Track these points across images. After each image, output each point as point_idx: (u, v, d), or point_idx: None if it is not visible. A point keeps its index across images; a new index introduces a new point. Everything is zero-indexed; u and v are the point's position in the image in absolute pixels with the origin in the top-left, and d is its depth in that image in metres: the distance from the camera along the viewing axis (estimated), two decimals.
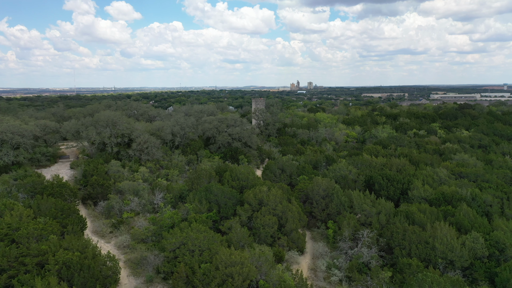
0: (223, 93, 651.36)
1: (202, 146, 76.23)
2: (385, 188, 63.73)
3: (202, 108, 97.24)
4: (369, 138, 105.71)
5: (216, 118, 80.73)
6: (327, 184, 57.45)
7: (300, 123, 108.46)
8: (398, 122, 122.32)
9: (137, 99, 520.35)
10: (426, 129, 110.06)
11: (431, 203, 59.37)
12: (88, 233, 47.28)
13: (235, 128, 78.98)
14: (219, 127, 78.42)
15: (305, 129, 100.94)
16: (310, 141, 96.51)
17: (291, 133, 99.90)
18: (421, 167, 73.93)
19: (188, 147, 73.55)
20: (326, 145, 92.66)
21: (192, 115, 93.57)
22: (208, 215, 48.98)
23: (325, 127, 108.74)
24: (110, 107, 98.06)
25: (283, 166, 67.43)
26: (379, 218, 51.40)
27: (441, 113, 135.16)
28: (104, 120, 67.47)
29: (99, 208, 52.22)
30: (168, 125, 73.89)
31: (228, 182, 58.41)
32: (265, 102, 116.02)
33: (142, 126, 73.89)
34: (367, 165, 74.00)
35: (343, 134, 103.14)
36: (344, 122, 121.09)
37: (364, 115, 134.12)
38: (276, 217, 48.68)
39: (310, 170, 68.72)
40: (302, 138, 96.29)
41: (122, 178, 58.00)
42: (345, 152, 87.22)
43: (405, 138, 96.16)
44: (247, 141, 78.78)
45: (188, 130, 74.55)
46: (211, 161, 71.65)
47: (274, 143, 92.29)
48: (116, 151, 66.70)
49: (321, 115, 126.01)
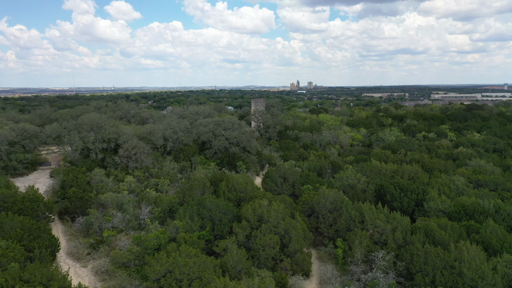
0: (222, 93, 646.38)
1: (196, 152, 70.08)
2: (398, 199, 57.68)
3: (198, 109, 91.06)
4: (375, 141, 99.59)
5: (213, 120, 74.59)
6: (334, 196, 51.31)
7: (302, 126, 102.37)
8: (405, 124, 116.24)
9: (136, 99, 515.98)
10: (436, 132, 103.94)
11: (450, 217, 53.36)
12: (62, 256, 41.16)
13: (233, 131, 72.86)
14: (216, 130, 72.29)
15: (307, 132, 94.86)
16: (313, 145, 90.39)
17: (293, 136, 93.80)
18: (436, 175, 67.84)
19: (181, 153, 67.41)
20: (331, 149, 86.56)
21: (187, 117, 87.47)
22: (201, 234, 42.83)
23: (328, 129, 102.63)
24: (99, 108, 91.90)
25: (285, 174, 61.29)
26: (395, 236, 45.27)
27: (450, 114, 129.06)
28: (88, 124, 61.36)
29: (77, 224, 46.09)
30: (160, 129, 67.77)
31: (224, 194, 52.29)
32: (265, 103, 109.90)
33: (131, 130, 67.76)
34: (377, 173, 67.89)
35: (348, 137, 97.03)
36: (348, 124, 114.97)
37: (369, 116, 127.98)
38: (278, 236, 42.58)
39: (315, 179, 62.59)
40: (304, 141, 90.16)
41: (105, 189, 51.87)
42: (351, 157, 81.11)
43: (415, 142, 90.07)
44: (245, 146, 72.67)
45: (182, 134, 68.41)
46: (206, 168, 65.52)
47: (275, 147, 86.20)
48: (101, 158, 60.58)
49: (324, 116, 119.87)
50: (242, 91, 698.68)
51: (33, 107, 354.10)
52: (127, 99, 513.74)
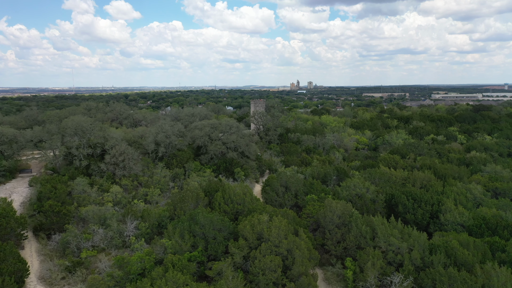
0: (222, 92, 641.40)
1: (191, 157, 64.83)
2: (411, 210, 52.53)
3: (194, 111, 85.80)
4: (382, 144, 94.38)
5: (209, 123, 69.32)
6: (342, 209, 46.09)
7: (304, 128, 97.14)
8: (411, 126, 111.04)
9: (135, 98, 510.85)
10: (445, 134, 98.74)
11: (470, 232, 48.33)
12: (33, 281, 35.94)
13: (231, 135, 67.64)
14: (212, 134, 67.05)
15: (310, 135, 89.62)
16: (316, 149, 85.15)
17: (295, 140, 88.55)
18: (450, 182, 62.65)
19: (174, 159, 62.17)
20: (335, 153, 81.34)
21: (182, 119, 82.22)
22: (192, 255, 37.62)
23: (332, 132, 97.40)
24: (90, 110, 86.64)
25: (286, 183, 56.07)
26: (412, 256, 40.06)
27: (458, 115, 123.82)
28: (72, 127, 56.11)
29: (53, 242, 40.85)
30: (151, 133, 62.52)
31: (219, 206, 47.09)
32: (265, 103, 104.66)
33: (120, 134, 62.51)
34: (386, 180, 62.69)
35: (353, 141, 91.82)
36: (352, 126, 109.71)
37: (374, 118, 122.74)
38: (279, 257, 37.40)
39: (320, 187, 57.37)
40: (307, 145, 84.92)
41: (87, 201, 46.64)
42: (357, 162, 75.88)
43: (424, 146, 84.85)
44: (244, 151, 67.47)
45: (175, 138, 63.14)
46: (201, 175, 60.29)
47: (276, 152, 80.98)
48: (86, 165, 55.32)
49: (327, 118, 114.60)
50: (242, 91, 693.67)
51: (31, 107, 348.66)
52: (126, 99, 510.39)
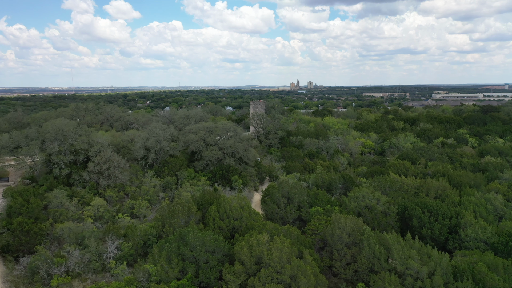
0: (222, 92, 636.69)
1: (184, 164, 59.53)
2: (427, 225, 47.33)
3: (189, 113, 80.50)
4: (388, 148, 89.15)
5: (204, 127, 64.03)
6: (352, 226, 40.83)
7: (306, 131, 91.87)
8: (419, 128, 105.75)
9: (134, 98, 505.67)
10: (455, 137, 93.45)
11: (495, 250, 43.18)
12: None
13: (228, 140, 62.36)
14: (207, 138, 61.79)
15: (313, 138, 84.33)
16: (319, 153, 79.90)
17: (297, 143, 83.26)
18: (467, 192, 57.39)
19: (165, 166, 56.89)
20: (340, 158, 76.05)
21: (177, 122, 76.95)
22: (180, 283, 32.38)
23: (336, 134, 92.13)
24: (79, 111, 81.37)
25: (289, 193, 50.80)
26: (434, 282, 34.79)
27: (466, 117, 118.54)
28: (52, 132, 50.82)
29: (21, 266, 35.55)
30: (140, 138, 57.23)
31: (213, 222, 41.85)
32: (265, 105, 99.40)
33: (107, 138, 57.23)
34: (397, 189, 57.46)
35: (358, 144, 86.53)
36: (356, 128, 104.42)
37: (379, 119, 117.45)
38: (282, 286, 32.21)
39: (325, 198, 52.12)
40: (310, 149, 79.63)
41: (65, 217, 41.37)
42: (364, 168, 70.61)
43: (435, 150, 79.57)
44: (242, 157, 62.22)
45: (166, 143, 57.82)
46: (195, 184, 55.05)
47: (276, 156, 75.69)
48: (67, 174, 50.05)
49: (330, 120, 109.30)
50: (242, 91, 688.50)
51: (28, 107, 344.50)
52: (125, 99, 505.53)
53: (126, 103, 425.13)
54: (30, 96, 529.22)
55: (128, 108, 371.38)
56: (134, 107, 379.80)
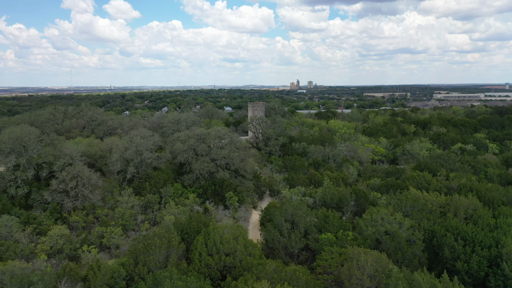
0: (221, 92, 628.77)
1: (170, 178, 50.92)
2: (462, 256, 38.93)
3: (180, 117, 71.79)
4: (401, 155, 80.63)
5: (195, 134, 55.40)
6: (375, 264, 32.30)
7: (311, 136, 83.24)
8: (432, 132, 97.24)
9: (132, 98, 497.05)
10: (473, 143, 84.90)
11: None
12: None
13: (222, 149, 53.77)
14: (198, 147, 53.18)
15: (318, 145, 75.68)
16: (326, 162, 71.31)
17: (300, 151, 74.66)
18: (502, 211, 48.75)
19: (147, 181, 48.30)
20: (349, 167, 67.49)
21: (165, 127, 68.33)
22: None
23: (343, 140, 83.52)
24: (56, 115, 72.72)
25: (293, 216, 42.22)
26: None
27: (482, 119, 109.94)
28: (8, 142, 42.24)
29: None
30: (118, 148, 48.64)
31: (200, 258, 33.30)
32: (264, 107, 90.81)
33: (79, 148, 48.57)
34: (420, 209, 48.82)
35: (368, 151, 77.97)
36: (364, 133, 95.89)
37: (388, 122, 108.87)
38: None
39: (337, 222, 43.52)
40: (315, 158, 71.00)
41: (12, 252, 32.79)
42: (377, 180, 62.08)
43: (454, 158, 71.02)
44: (238, 168, 53.66)
45: (149, 154, 49.21)
46: (181, 203, 46.51)
47: (278, 166, 67.10)
48: (25, 193, 41.46)
49: (335, 123, 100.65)
50: (242, 91, 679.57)
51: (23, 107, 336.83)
52: (123, 98, 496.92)
53: (123, 103, 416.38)
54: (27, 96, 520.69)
55: (126, 108, 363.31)
56: (132, 107, 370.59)
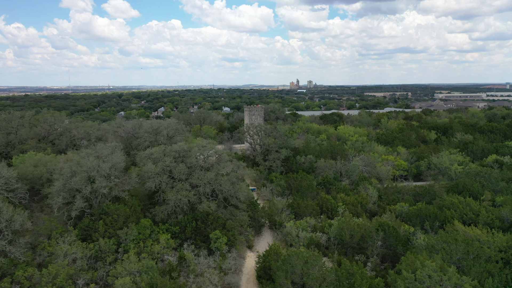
0: (220, 92, 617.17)
1: (136, 212, 37.82)
2: None
3: (160, 124, 58.21)
4: (427, 169, 67.51)
5: (172, 150, 42.17)
6: None
7: (318, 147, 69.82)
8: (457, 140, 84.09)
9: (128, 98, 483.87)
10: (510, 154, 71.79)
11: None
12: None
13: (207, 172, 40.63)
14: (175, 170, 40.06)
15: (328, 159, 62.44)
16: (338, 180, 58.18)
17: (306, 165, 61.48)
18: None
19: (102, 219, 35.25)
20: (367, 187, 54.36)
21: (141, 137, 55.07)
22: None
23: (356, 150, 70.27)
24: (10, 122, 59.46)
25: (303, 276, 29.15)
26: None
27: (511, 124, 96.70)
28: None
29: None
30: (62, 174, 35.52)
31: None
32: (263, 111, 77.58)
33: (11, 173, 35.33)
34: (475, 256, 35.72)
35: (388, 165, 64.81)
36: (379, 140, 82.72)
37: (404, 128, 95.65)
38: None
39: (366, 280, 30.43)
40: (325, 175, 57.80)
41: None
42: (405, 206, 48.99)
43: (496, 175, 57.92)
44: (228, 197, 40.57)
45: (105, 182, 36.07)
46: (148, 251, 33.37)
47: (280, 187, 53.97)
48: None
49: (344, 129, 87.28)
50: (241, 90, 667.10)
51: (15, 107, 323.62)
52: (120, 98, 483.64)
53: (119, 103, 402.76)
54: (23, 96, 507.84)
55: (121, 109, 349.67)
56: (127, 108, 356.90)
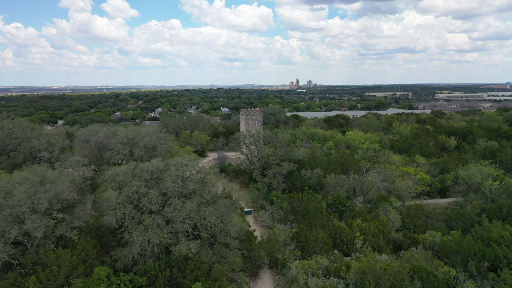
0: (219, 92, 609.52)
1: (88, 259, 28.06)
2: None
3: (136, 133, 47.99)
4: (453, 184, 57.74)
5: (143, 170, 32.39)
6: None
7: (326, 158, 59.73)
8: (481, 148, 74.28)
9: (125, 98, 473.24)
10: None
11: None
12: None
13: (186, 201, 30.81)
14: (143, 200, 30.29)
15: (338, 173, 52.55)
16: (351, 199, 48.33)
17: (313, 181, 51.58)
18: None
19: (36, 272, 25.49)
20: (387, 210, 44.52)
21: (113, 149, 45.13)
22: None
23: (369, 161, 60.31)
24: None
25: None
26: None
27: None
28: None
29: None
30: None
31: None
32: (262, 115, 67.65)
33: None
34: None
35: (410, 179, 54.93)
36: (393, 148, 72.90)
37: (419, 133, 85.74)
38: None
39: None
40: (336, 194, 47.95)
41: None
42: (437, 235, 39.22)
43: None
44: (215, 233, 30.80)
45: (37, 224, 26.14)
46: None
47: (282, 211, 44.11)
48: None
49: (354, 135, 77.22)
50: (240, 90, 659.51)
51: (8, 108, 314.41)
52: (117, 98, 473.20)
53: (116, 104, 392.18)
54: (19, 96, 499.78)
55: (118, 109, 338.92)
56: (124, 108, 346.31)
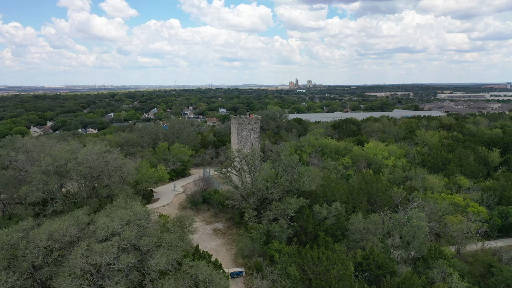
0: (218, 91, 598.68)
1: None
2: None
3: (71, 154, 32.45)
4: None
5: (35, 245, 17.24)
6: None
7: (345, 185, 44.04)
8: None
9: (121, 99, 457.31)
10: None
11: None
12: None
13: None
14: None
15: (363, 207, 37.15)
16: (389, 251, 33.11)
17: (331, 224, 36.20)
18: None
19: None
20: (445, 272, 29.32)
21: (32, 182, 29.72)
22: None
23: (404, 188, 44.80)
24: None
25: None
26: None
27: None
28: None
29: None
30: None
31: None
32: (259, 124, 51.96)
33: None
34: None
35: (466, 216, 39.55)
36: (424, 165, 57.63)
37: (451, 144, 70.36)
38: None
39: None
40: (369, 246, 32.71)
41: None
42: None
43: None
44: None
45: None
46: None
47: (287, 276, 28.90)
48: None
49: (374, 148, 61.76)
50: (239, 90, 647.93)
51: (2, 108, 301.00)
52: (112, 98, 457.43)
53: (111, 104, 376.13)
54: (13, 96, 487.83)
55: (112, 110, 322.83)
56: (118, 109, 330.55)
